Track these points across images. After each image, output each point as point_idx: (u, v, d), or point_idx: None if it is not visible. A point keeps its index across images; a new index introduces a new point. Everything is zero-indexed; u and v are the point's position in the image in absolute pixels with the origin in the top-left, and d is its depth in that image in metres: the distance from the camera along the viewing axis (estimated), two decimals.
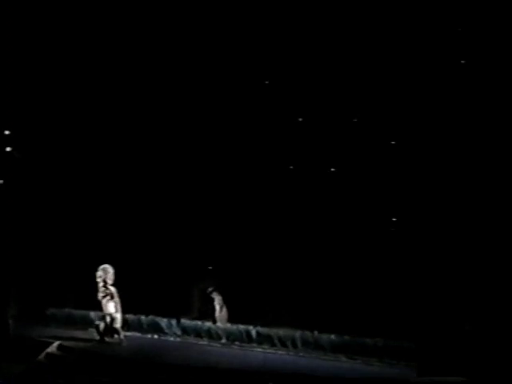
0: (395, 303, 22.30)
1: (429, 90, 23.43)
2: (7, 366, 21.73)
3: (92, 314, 25.49)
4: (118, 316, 24.24)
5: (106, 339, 24.27)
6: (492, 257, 21.85)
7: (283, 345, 23.03)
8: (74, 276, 26.51)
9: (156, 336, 25.05)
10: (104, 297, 24.30)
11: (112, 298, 24.20)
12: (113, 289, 24.29)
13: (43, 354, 23.01)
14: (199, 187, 26.30)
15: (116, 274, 24.83)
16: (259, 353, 23.02)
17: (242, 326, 23.78)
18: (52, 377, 21.54)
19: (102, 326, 24.31)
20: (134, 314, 25.11)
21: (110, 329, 24.19)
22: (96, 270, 24.52)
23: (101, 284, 24.30)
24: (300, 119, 25.33)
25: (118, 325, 24.22)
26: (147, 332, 25.15)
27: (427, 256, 22.90)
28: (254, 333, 23.48)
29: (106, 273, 24.38)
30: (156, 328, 25.10)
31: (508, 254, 21.52)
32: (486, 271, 21.84)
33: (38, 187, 27.57)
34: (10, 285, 26.53)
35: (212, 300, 24.89)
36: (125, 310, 24.50)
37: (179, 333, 24.81)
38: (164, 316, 25.08)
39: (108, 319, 24.22)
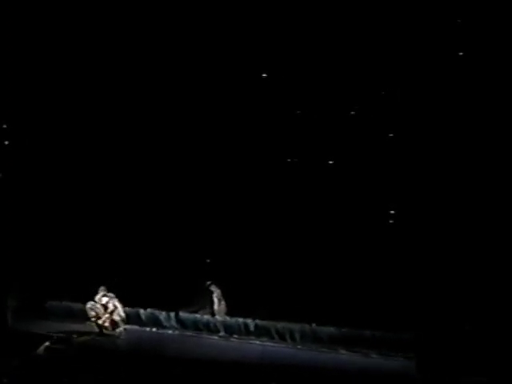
0: (394, 296, 22.33)
1: (426, 82, 23.40)
2: (6, 360, 21.74)
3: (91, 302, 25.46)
4: (118, 307, 24.27)
5: (105, 332, 24.29)
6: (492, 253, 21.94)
7: (282, 338, 23.06)
8: (73, 269, 26.49)
9: (155, 329, 25.07)
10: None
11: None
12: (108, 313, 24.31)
13: (42, 347, 23.03)
14: (197, 180, 26.31)
15: (115, 266, 24.92)
16: (258, 345, 23.05)
17: (240, 319, 23.78)
18: (50, 370, 21.56)
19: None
20: (133, 307, 25.10)
21: (110, 322, 24.24)
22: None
23: (99, 322, 24.39)
24: (298, 112, 25.32)
25: (117, 317, 24.25)
26: (146, 325, 25.16)
27: (425, 249, 22.93)
28: (252, 326, 23.50)
29: (96, 310, 24.37)
30: (155, 321, 25.11)
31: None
32: (484, 268, 21.90)
33: (38, 181, 27.55)
34: (9, 278, 26.50)
35: (210, 293, 24.87)
36: (124, 304, 24.52)
37: (178, 326, 24.81)
38: (162, 309, 25.08)
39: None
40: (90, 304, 24.40)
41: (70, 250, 26.85)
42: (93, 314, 24.36)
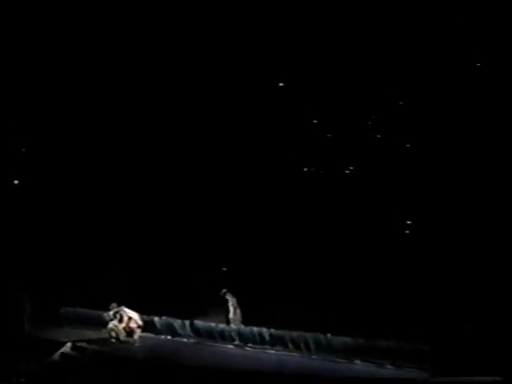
0: (408, 305, 22.25)
1: (444, 92, 23.39)
2: (22, 366, 21.82)
3: (106, 314, 25.55)
4: (134, 316, 24.32)
5: (121, 339, 24.34)
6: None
7: (296, 347, 22.96)
8: (88, 276, 26.60)
9: (169, 337, 25.09)
10: None
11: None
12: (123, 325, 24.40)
13: (57, 354, 23.09)
14: (215, 190, 26.40)
15: (130, 275, 24.99)
16: (272, 355, 22.98)
17: (255, 328, 23.72)
18: (66, 377, 21.62)
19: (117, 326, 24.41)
20: (148, 315, 25.14)
21: (125, 329, 24.31)
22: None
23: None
24: (315, 121, 25.37)
25: (133, 325, 24.30)
26: (161, 333, 25.19)
27: (440, 258, 22.87)
28: (267, 335, 23.43)
29: (116, 331, 24.44)
30: (170, 329, 25.13)
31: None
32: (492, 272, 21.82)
33: (52, 190, 27.71)
34: (25, 285, 26.62)
35: (226, 301, 24.87)
36: (139, 312, 24.57)
37: (192, 334, 24.82)
38: (178, 317, 25.11)
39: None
40: (111, 324, 24.39)
41: (86, 257, 26.97)
42: (113, 334, 24.37)
